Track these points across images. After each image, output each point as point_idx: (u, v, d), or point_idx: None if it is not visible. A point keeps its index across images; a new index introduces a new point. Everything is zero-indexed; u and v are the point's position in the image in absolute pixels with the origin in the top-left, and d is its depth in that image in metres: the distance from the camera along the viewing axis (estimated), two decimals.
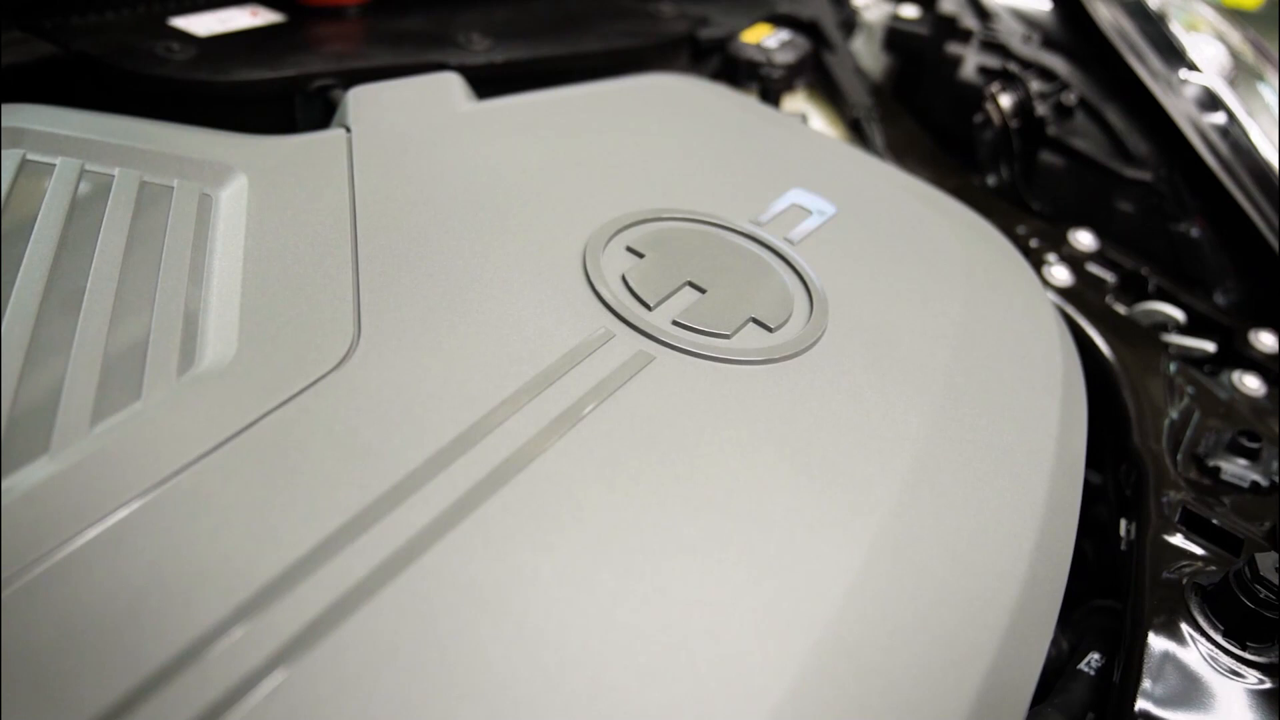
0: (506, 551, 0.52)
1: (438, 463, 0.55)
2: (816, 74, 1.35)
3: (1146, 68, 1.14)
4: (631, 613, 0.51)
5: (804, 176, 0.91)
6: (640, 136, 0.92)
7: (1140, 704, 0.65)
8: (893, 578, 0.58)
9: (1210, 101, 1.13)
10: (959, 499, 0.64)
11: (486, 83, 0.96)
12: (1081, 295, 1.04)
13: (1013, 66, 1.25)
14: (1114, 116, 1.17)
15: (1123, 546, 0.82)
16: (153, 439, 0.54)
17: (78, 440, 0.54)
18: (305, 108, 0.98)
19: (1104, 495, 0.93)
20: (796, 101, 1.34)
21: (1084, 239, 1.12)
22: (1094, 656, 0.76)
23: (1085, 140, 1.18)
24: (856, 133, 1.28)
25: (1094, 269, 1.09)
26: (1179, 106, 1.11)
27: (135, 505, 0.50)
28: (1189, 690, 0.66)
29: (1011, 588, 0.61)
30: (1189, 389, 0.94)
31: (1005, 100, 1.21)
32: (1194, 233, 1.10)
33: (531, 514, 0.54)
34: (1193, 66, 1.16)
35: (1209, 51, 1.19)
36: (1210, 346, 1.02)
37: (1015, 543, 0.64)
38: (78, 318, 0.61)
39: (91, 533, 0.49)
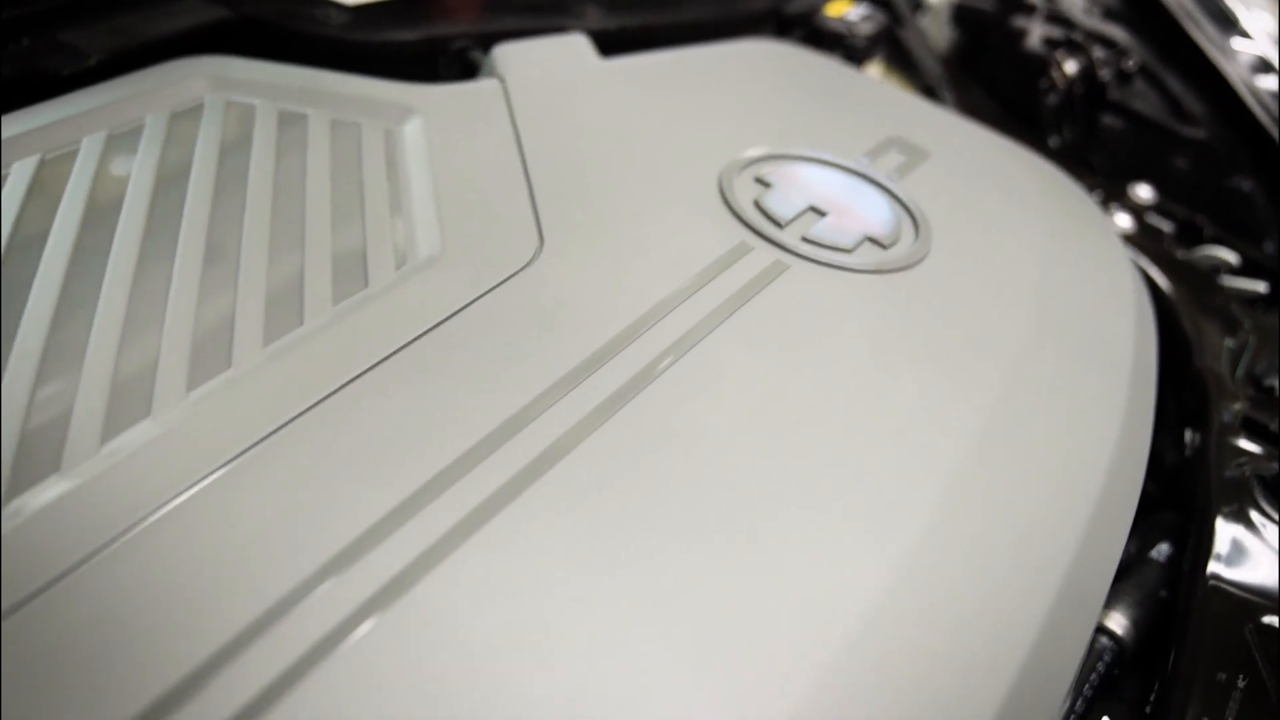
0: (661, 433, 0.60)
1: (617, 344, 0.64)
2: (890, 46, 1.43)
3: (1203, 34, 1.22)
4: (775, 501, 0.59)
5: (899, 126, 0.99)
6: (752, 89, 1.00)
7: (1211, 571, 0.73)
8: (991, 470, 0.64)
9: (1262, 66, 1.20)
10: (1050, 398, 0.72)
11: (599, 46, 1.05)
12: (1141, 240, 1.11)
13: (1076, 36, 1.32)
14: (1172, 81, 1.24)
15: (1187, 453, 0.90)
16: (383, 318, 0.63)
17: (322, 316, 0.63)
18: (446, 66, 1.06)
19: (1164, 418, 1.00)
20: (873, 70, 1.42)
21: (1143, 192, 1.19)
22: (1163, 547, 0.83)
23: (1144, 103, 1.25)
24: (930, 99, 1.35)
25: (1152, 219, 1.16)
26: (1234, 71, 1.18)
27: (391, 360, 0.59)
28: (1255, 563, 0.74)
29: (1096, 479, 0.68)
30: (1244, 321, 1.01)
31: (1070, 67, 1.29)
32: (1246, 186, 1.17)
33: (691, 393, 0.62)
34: (1245, 34, 1.23)
35: (1260, 21, 1.26)
36: (1262, 287, 1.09)
37: (1098, 441, 0.71)
38: (303, 230, 0.70)
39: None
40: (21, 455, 0.51)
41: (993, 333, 0.75)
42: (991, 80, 1.43)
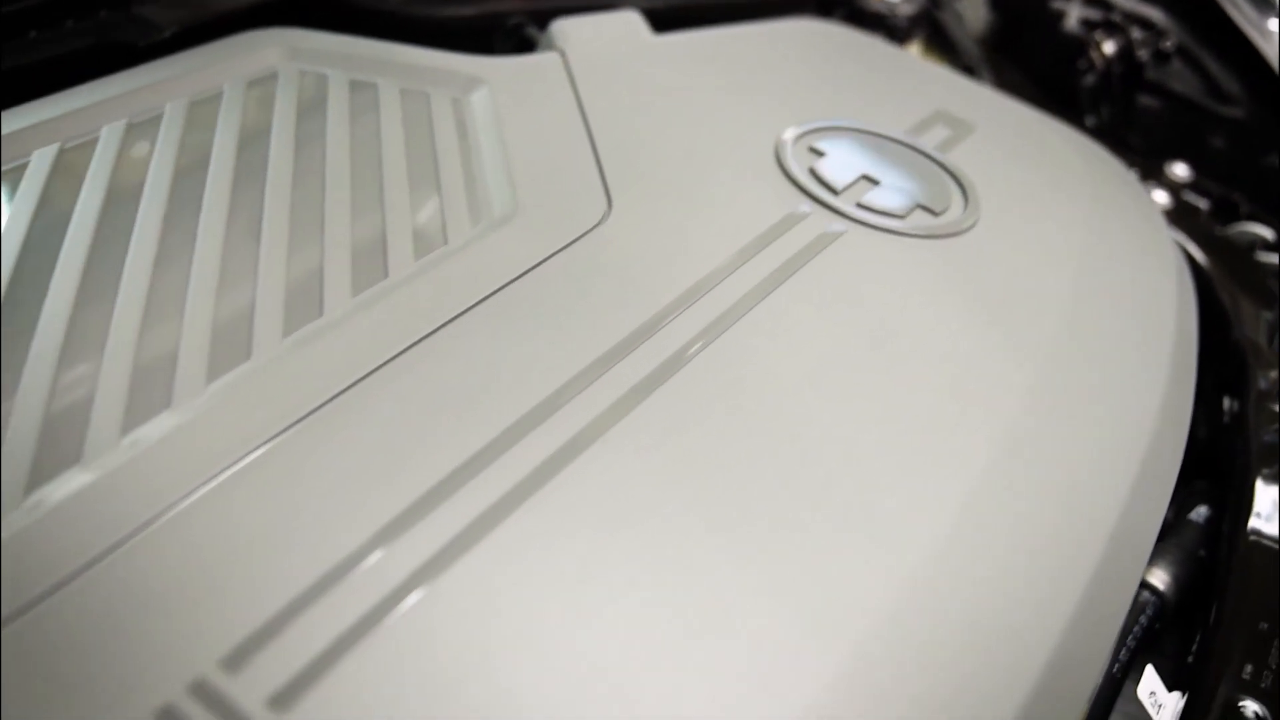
0: (719, 389, 0.62)
1: (683, 301, 0.67)
2: (929, 28, 1.45)
3: (1241, 14, 1.23)
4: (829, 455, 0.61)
5: (943, 101, 1.01)
6: (800, 65, 1.03)
7: (1252, 527, 0.75)
8: (1041, 428, 0.67)
9: None
10: (1097, 359, 0.74)
11: (650, 23, 1.07)
12: (1179, 217, 1.13)
13: (1114, 17, 1.34)
14: (1209, 61, 1.26)
15: (1225, 419, 0.92)
16: (463, 273, 0.66)
17: (405, 270, 0.66)
18: (502, 41, 1.09)
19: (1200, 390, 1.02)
20: (913, 51, 1.44)
21: (1180, 170, 1.21)
22: (1201, 509, 0.85)
23: (1181, 83, 1.27)
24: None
25: (1189, 197, 1.18)
26: (1271, 50, 1.20)
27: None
28: None
29: (1141, 438, 0.70)
30: None
31: (1108, 48, 1.30)
32: None
33: (754, 349, 0.65)
34: None
35: None
36: None
37: (1143, 402, 0.73)
38: (381, 191, 0.72)
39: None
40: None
41: (1041, 297, 0.77)
42: (1028, 61, 1.45)
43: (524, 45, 1.07)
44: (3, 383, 0.54)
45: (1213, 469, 0.89)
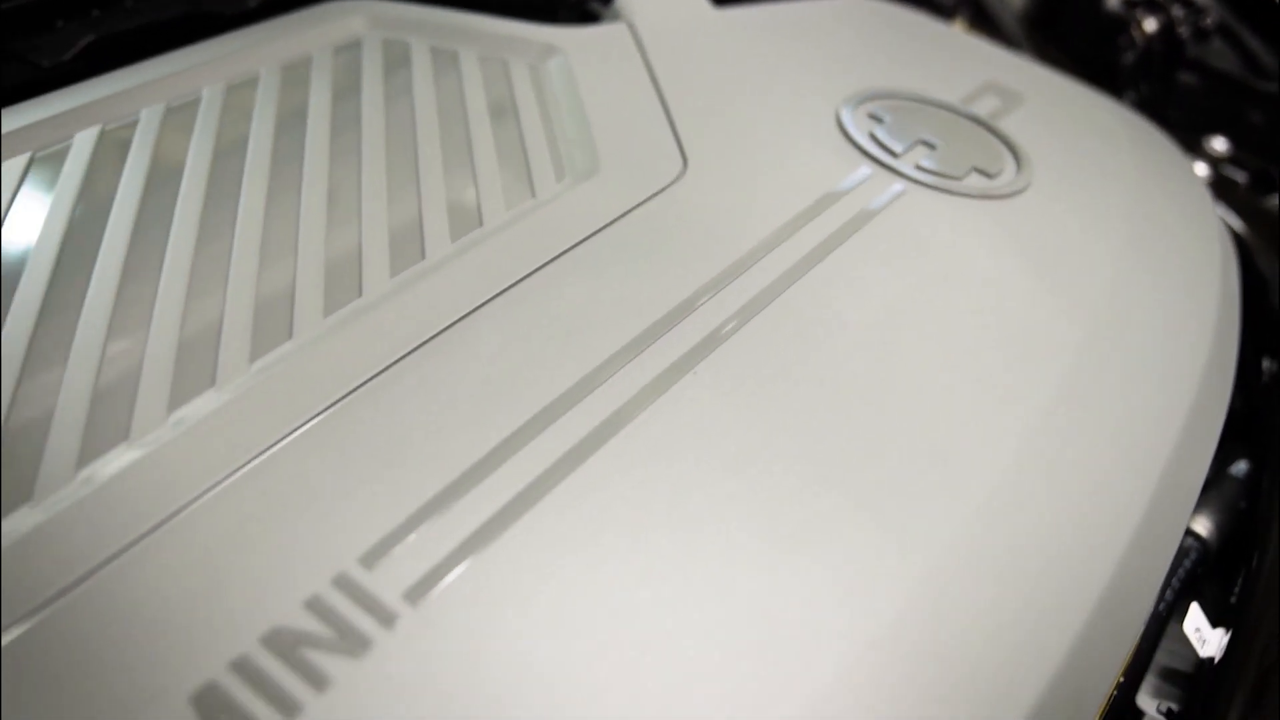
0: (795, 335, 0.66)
1: (757, 253, 0.70)
2: (972, 7, 1.47)
3: None
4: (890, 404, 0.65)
5: (993, 73, 1.04)
6: (855, 38, 1.06)
7: None
8: (1095, 376, 0.70)
9: None
10: (1146, 315, 0.77)
11: None
12: (1218, 188, 1.16)
13: None
14: (1248, 37, 1.28)
15: (1264, 379, 0.94)
16: (552, 222, 0.70)
17: (498, 219, 0.70)
18: (565, 13, 1.12)
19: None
20: (956, 29, 1.46)
21: (1218, 144, 1.23)
22: (1241, 465, 0.88)
23: (1221, 59, 1.29)
24: None
25: (1227, 170, 1.20)
26: None
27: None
28: None
29: (1188, 391, 0.73)
30: None
31: (1149, 25, 1.33)
32: None
33: (824, 297, 0.69)
34: None
35: None
36: None
37: (1190, 356, 0.76)
38: (470, 151, 0.76)
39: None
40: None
41: (1092, 257, 0.80)
42: (1068, 39, 1.47)
43: (586, 18, 1.11)
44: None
45: (1253, 427, 0.92)
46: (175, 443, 0.52)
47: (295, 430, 0.54)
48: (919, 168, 0.84)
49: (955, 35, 1.15)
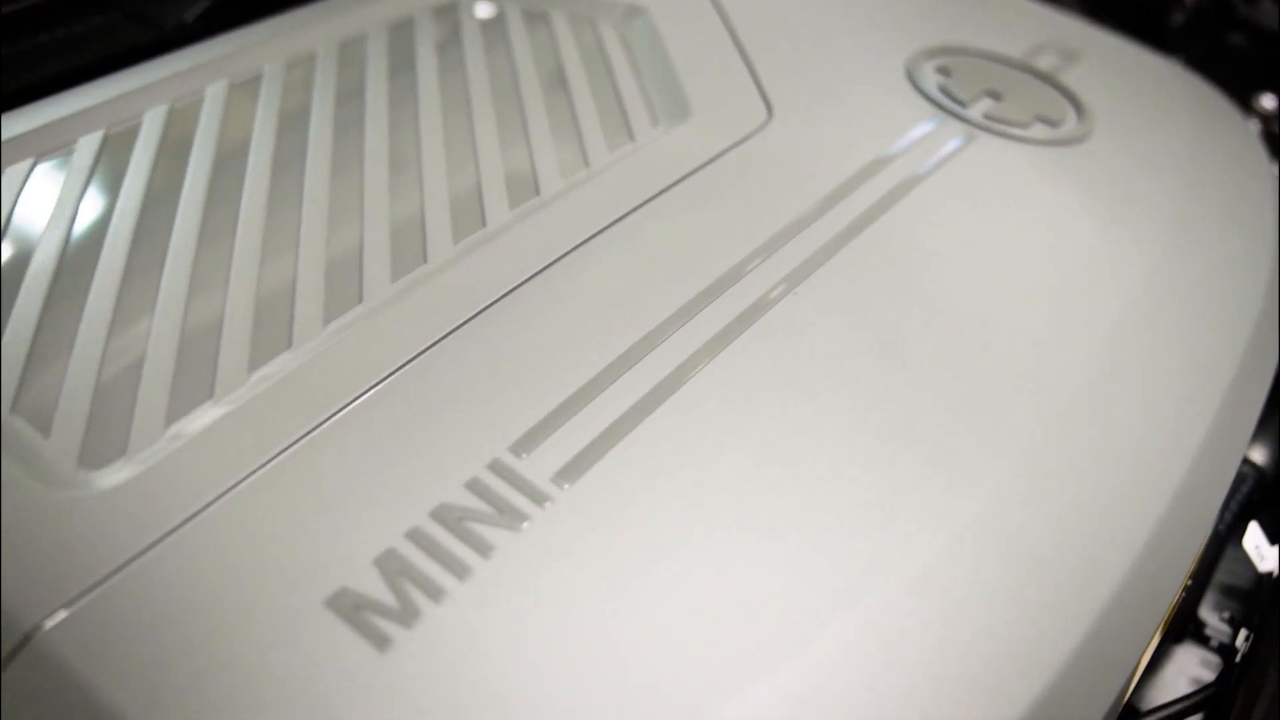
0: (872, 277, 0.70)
1: (840, 194, 0.75)
2: None
3: None
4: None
5: (1051, 33, 1.08)
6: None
7: None
8: (1155, 313, 0.74)
9: None
10: (1204, 256, 0.81)
11: None
12: (1267, 144, 1.19)
13: None
14: None
15: None
16: (656, 162, 0.75)
17: (604, 160, 0.75)
18: None
19: None
20: None
21: (1267, 101, 1.26)
22: None
23: (1270, 19, 1.32)
24: None
25: (1276, 127, 1.24)
26: None
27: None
28: None
29: (1243, 335, 0.76)
30: None
31: None
32: None
33: (902, 235, 0.73)
34: None
35: None
36: None
37: (1246, 301, 0.79)
38: (570, 103, 0.81)
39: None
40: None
41: (1152, 201, 0.84)
42: (1115, 2, 1.50)
43: None
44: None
45: None
46: (332, 351, 0.58)
47: (444, 338, 0.59)
48: (987, 116, 0.88)
49: None
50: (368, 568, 0.48)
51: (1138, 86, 1.02)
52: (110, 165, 0.72)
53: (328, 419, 0.55)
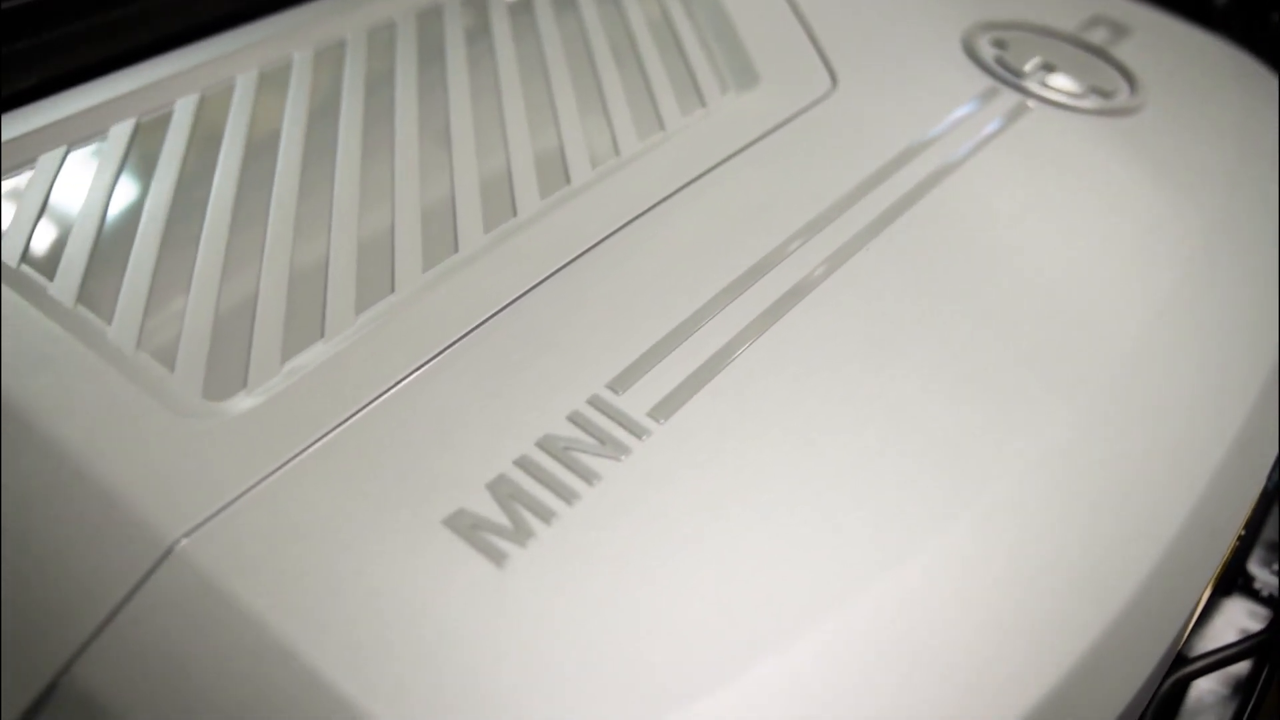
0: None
1: (903, 159, 0.78)
2: None
3: None
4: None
5: (1102, 8, 1.10)
6: None
7: None
8: (1205, 284, 0.76)
9: None
10: (1254, 227, 0.83)
11: None
12: None
13: None
14: None
15: None
16: (726, 125, 0.78)
17: (677, 123, 0.78)
18: None
19: None
20: None
21: None
22: None
23: None
24: None
25: None
26: None
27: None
28: None
29: None
30: None
31: None
32: None
33: (961, 201, 0.76)
34: None
35: None
36: None
37: None
38: (642, 69, 0.84)
39: None
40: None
41: (1205, 166, 0.87)
42: None
43: None
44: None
45: None
46: (434, 295, 0.61)
47: (541, 282, 0.62)
48: (1043, 85, 0.90)
49: None
50: (481, 491, 0.51)
51: (1187, 61, 1.05)
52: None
53: (434, 357, 0.58)
